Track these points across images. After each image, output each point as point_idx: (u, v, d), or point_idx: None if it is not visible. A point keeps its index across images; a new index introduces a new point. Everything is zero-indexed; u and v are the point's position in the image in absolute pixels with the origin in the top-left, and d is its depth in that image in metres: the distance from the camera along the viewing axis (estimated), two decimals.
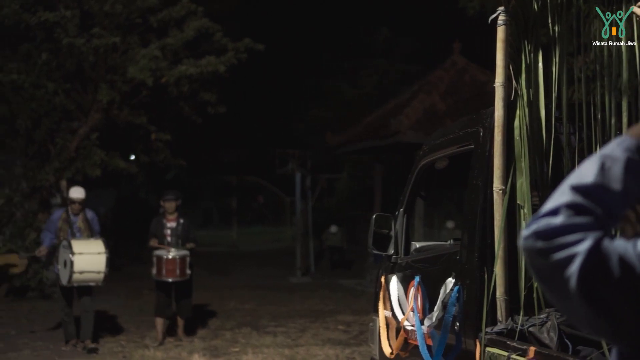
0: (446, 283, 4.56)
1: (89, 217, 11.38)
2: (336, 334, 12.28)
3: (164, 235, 11.74)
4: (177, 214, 11.88)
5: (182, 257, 11.45)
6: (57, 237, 11.19)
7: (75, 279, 10.63)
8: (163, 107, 18.25)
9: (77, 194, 11.32)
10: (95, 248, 10.87)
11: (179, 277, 11.41)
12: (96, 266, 10.72)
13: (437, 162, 5.35)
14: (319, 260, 22.98)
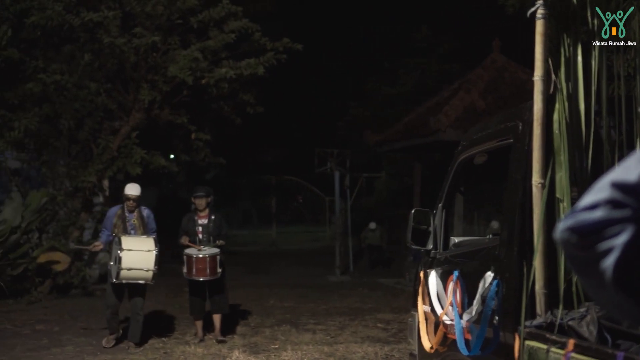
0: (485, 277, 4.57)
1: (144, 215, 11.33)
2: (375, 331, 12.29)
3: (196, 233, 11.58)
4: (208, 210, 11.71)
5: (213, 255, 11.27)
6: (112, 234, 11.17)
7: (123, 275, 10.59)
8: (203, 107, 18.37)
9: (132, 190, 11.22)
10: (145, 245, 10.79)
11: (209, 276, 11.24)
12: (145, 264, 10.64)
13: (476, 157, 5.36)
14: (358, 260, 23.00)
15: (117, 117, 17.21)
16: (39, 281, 15.86)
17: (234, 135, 27.53)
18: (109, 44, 15.56)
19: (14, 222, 15.08)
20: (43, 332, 12.44)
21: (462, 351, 4.74)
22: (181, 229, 11.68)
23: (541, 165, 4.23)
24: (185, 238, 11.49)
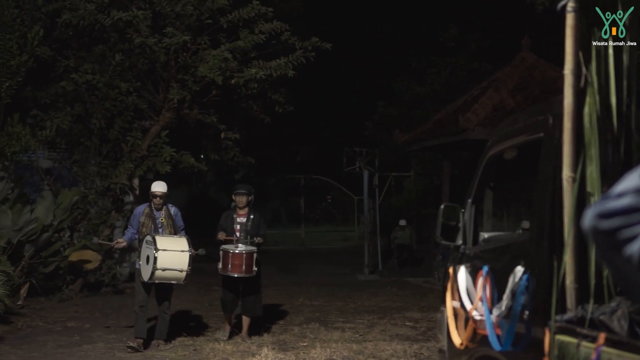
0: (515, 272, 4.56)
1: (172, 213, 11.20)
2: (404, 330, 12.29)
3: (233, 231, 11.40)
4: (247, 209, 11.52)
5: (249, 252, 11.13)
6: (139, 233, 11.08)
7: (157, 275, 10.51)
8: (232, 107, 18.44)
9: (158, 187, 11.10)
10: (180, 245, 10.69)
11: (244, 273, 11.08)
12: (179, 264, 10.57)
13: (505, 153, 5.35)
14: (387, 259, 22.98)
15: (148, 117, 17.33)
16: (70, 279, 16.01)
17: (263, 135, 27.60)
18: (140, 43, 15.68)
19: (46, 221, 15.20)
20: (74, 329, 12.56)
21: (494, 346, 4.73)
22: (219, 225, 11.55)
23: (572, 159, 4.21)
24: (222, 233, 11.39)
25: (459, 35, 27.35)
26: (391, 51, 29.92)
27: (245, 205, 11.47)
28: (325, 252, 27.86)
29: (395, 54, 29.68)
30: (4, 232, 14.41)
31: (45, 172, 17.37)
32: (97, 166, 16.72)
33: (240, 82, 16.29)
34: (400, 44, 29.81)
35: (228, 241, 11.26)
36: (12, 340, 11.62)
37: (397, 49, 29.75)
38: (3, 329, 12.30)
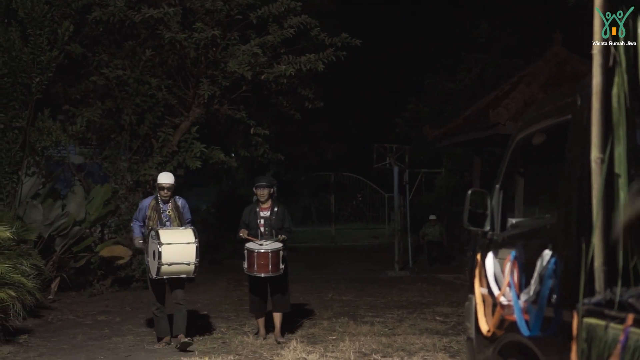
0: (543, 255, 4.50)
1: (179, 205, 10.75)
2: (434, 324, 12.22)
3: (257, 226, 10.88)
4: (271, 202, 10.96)
5: (275, 251, 10.58)
6: (145, 226, 10.66)
7: (164, 271, 10.11)
8: (262, 103, 18.46)
9: (165, 179, 10.65)
10: (185, 237, 10.27)
11: (271, 272, 10.58)
12: (186, 257, 10.16)
13: (534, 138, 5.28)
14: (417, 256, 22.88)
15: (178, 113, 17.40)
16: (101, 274, 16.09)
17: (293, 132, 27.62)
18: (169, 39, 15.74)
19: (77, 216, 15.31)
20: (104, 323, 12.65)
21: (523, 332, 4.67)
22: (241, 221, 11.02)
23: (600, 139, 4.15)
24: (244, 231, 10.84)
25: (490, 31, 27.17)
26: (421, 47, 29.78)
27: (267, 198, 10.92)
28: (356, 250, 27.81)
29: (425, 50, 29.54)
30: (35, 227, 14.52)
31: (77, 168, 17.48)
32: (127, 162, 16.80)
33: (270, 78, 16.30)
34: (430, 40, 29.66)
35: (251, 239, 10.75)
36: (43, 332, 11.72)
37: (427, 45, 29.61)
38: (34, 322, 12.40)
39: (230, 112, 17.18)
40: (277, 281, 10.93)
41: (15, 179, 15.20)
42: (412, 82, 29.16)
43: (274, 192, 11.05)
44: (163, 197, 10.63)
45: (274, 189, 11.03)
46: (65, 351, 10.41)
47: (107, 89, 16.50)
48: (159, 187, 10.66)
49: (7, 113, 15.08)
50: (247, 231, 10.85)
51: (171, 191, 10.61)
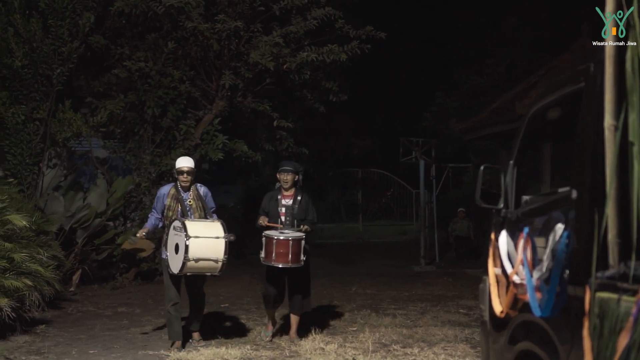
0: (555, 229, 4.30)
1: (201, 193, 9.84)
2: (457, 316, 12.03)
3: (278, 214, 10.01)
4: (294, 189, 10.11)
5: (297, 239, 9.69)
6: (165, 217, 9.76)
7: (189, 267, 9.17)
8: (286, 96, 18.32)
9: (184, 162, 9.76)
10: (214, 231, 9.34)
11: (290, 262, 9.67)
12: (214, 253, 9.25)
13: (549, 113, 5.08)
14: (445, 252, 22.63)
15: (201, 106, 17.31)
16: (124, 267, 16.05)
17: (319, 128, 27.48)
18: (192, 29, 15.66)
19: (99, 208, 15.26)
20: (124, 314, 12.59)
21: (535, 312, 4.48)
22: (261, 208, 10.18)
23: (614, 105, 3.94)
24: (263, 218, 9.98)
25: (518, 25, 26.87)
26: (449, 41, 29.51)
27: (291, 185, 10.07)
28: (383, 245, 27.58)
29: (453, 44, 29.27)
30: (56, 218, 14.50)
31: (101, 161, 17.45)
32: (150, 155, 16.72)
33: (292, 67, 16.14)
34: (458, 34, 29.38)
35: (271, 227, 9.94)
36: (61, 323, 11.68)
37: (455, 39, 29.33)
38: (53, 314, 12.37)
39: (254, 105, 17.05)
40: (297, 276, 10.06)
41: (36, 170, 15.20)
42: (440, 77, 28.91)
43: (299, 180, 10.22)
44: (183, 183, 9.69)
45: (299, 177, 10.18)
46: (81, 341, 10.34)
47: (129, 82, 16.43)
48: (177, 172, 9.75)
49: (28, 104, 15.10)
50: (267, 218, 10.02)
51: (191, 176, 9.70)
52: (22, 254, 10.66)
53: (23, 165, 15.09)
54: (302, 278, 10.18)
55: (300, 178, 10.22)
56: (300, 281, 10.16)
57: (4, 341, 10.07)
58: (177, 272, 9.28)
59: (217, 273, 9.52)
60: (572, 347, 4.07)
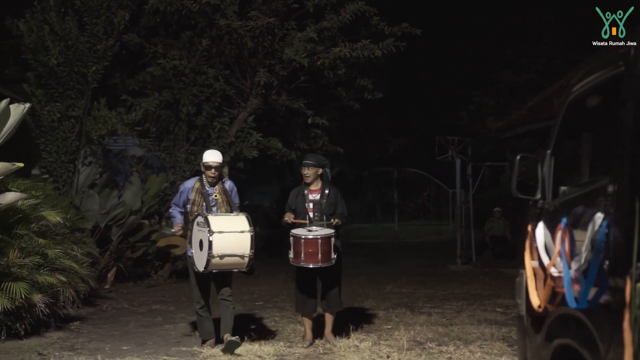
0: (594, 219, 4.15)
1: (227, 187, 9.44)
2: (493, 315, 11.86)
3: (306, 210, 9.58)
4: (321, 183, 9.66)
5: (326, 237, 9.24)
6: (189, 213, 9.39)
7: (214, 264, 8.79)
8: (321, 94, 18.24)
9: (212, 157, 9.31)
10: (238, 225, 8.92)
11: (321, 262, 9.23)
12: (240, 248, 8.85)
13: (588, 100, 4.92)
14: (481, 252, 22.40)
15: (236, 104, 17.28)
16: (158, 265, 16.06)
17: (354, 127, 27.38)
18: (226, 26, 15.63)
19: (134, 206, 15.29)
20: (158, 311, 12.58)
21: (570, 303, 4.33)
22: (287, 205, 9.81)
23: None
24: (290, 215, 9.58)
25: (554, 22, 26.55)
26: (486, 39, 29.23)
27: (314, 179, 9.62)
28: (418, 246, 27.39)
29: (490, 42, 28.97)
30: (91, 215, 14.55)
31: (137, 160, 17.49)
32: (185, 153, 16.71)
33: (327, 63, 16.03)
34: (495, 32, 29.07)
35: (299, 224, 9.54)
36: (95, 320, 11.70)
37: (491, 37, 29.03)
38: (88, 311, 12.40)
39: (288, 103, 16.98)
40: (328, 275, 9.65)
41: (71, 168, 15.27)
42: (477, 76, 28.64)
43: (326, 174, 9.77)
44: (210, 178, 9.28)
45: (324, 171, 9.73)
46: (115, 337, 10.33)
47: (164, 80, 16.46)
48: (204, 167, 9.31)
49: (64, 102, 15.18)
50: (294, 215, 9.61)
51: (219, 172, 9.33)
52: (56, 250, 10.68)
53: (58, 163, 15.17)
54: (335, 276, 9.76)
55: (328, 171, 9.82)
56: (332, 280, 9.76)
57: (38, 337, 10.09)
58: (202, 270, 8.91)
59: (244, 269, 9.16)
60: (612, 340, 3.92)
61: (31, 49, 15.03)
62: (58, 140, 15.14)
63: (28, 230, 10.44)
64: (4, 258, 9.90)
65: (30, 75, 15.23)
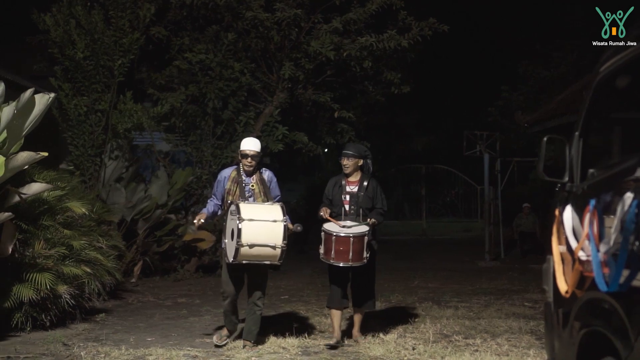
0: (624, 199, 4.01)
1: (265, 178, 8.97)
2: (522, 309, 11.73)
3: (342, 203, 9.09)
4: (360, 175, 9.14)
5: (359, 236, 8.71)
6: (224, 203, 8.94)
7: (243, 253, 8.30)
8: (347, 88, 18.13)
9: (250, 145, 8.79)
10: (271, 214, 8.43)
11: (351, 261, 8.74)
12: (271, 238, 8.32)
13: (618, 80, 4.78)
14: (510, 249, 22.18)
15: (262, 99, 17.22)
16: (185, 259, 16.03)
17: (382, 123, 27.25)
18: (252, 18, 15.57)
19: (160, 200, 15.28)
20: (184, 304, 12.55)
21: (601, 287, 4.19)
22: (324, 196, 9.30)
23: None
24: (325, 210, 9.05)
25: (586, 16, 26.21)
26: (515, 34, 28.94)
27: (353, 170, 9.09)
28: (447, 242, 27.25)
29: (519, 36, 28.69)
30: (118, 208, 14.54)
31: (163, 155, 17.48)
32: (211, 147, 16.66)
33: (352, 53, 15.91)
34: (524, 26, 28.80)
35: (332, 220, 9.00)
36: (121, 312, 11.69)
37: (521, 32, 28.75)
38: (114, 303, 12.40)
39: (314, 97, 16.89)
40: (360, 273, 9.14)
41: (98, 162, 15.28)
42: (506, 70, 28.37)
43: (367, 165, 9.27)
44: (246, 167, 8.79)
45: (365, 162, 9.22)
46: (139, 329, 10.30)
47: (190, 75, 16.43)
48: (241, 155, 8.82)
49: (90, 96, 15.20)
50: (330, 210, 9.10)
51: (256, 161, 8.78)
52: (81, 241, 10.66)
53: (85, 156, 15.20)
54: (367, 274, 9.24)
55: (369, 163, 9.30)
56: (365, 279, 9.25)
57: (64, 329, 10.08)
58: (231, 260, 8.44)
59: (277, 262, 8.52)
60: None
61: (57, 43, 15.05)
62: (84, 134, 15.16)
63: (54, 222, 10.43)
64: (29, 249, 9.90)
65: (57, 69, 15.26)
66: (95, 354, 8.46)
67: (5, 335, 9.45)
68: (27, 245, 9.92)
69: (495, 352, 8.50)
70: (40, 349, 8.82)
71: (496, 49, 29.66)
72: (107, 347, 8.85)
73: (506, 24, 29.20)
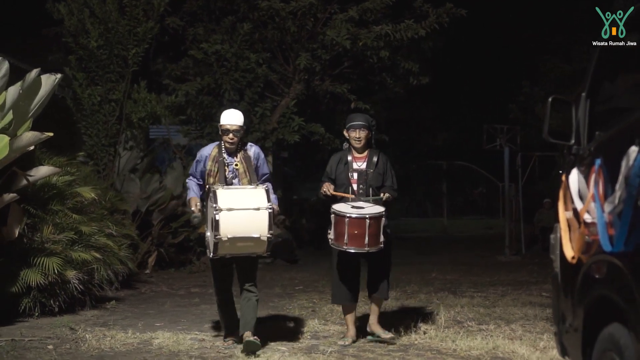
0: (629, 153, 3.82)
1: (251, 155, 7.72)
2: (539, 299, 11.55)
3: (349, 182, 7.95)
4: (368, 151, 8.01)
5: (375, 217, 7.56)
6: (205, 184, 7.78)
7: (223, 248, 7.30)
8: (364, 80, 17.99)
9: (231, 118, 7.57)
10: (253, 200, 7.28)
11: (368, 246, 7.59)
12: (255, 228, 7.22)
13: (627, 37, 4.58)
14: (531, 245, 21.91)
15: (279, 90, 17.11)
16: (201, 251, 15.92)
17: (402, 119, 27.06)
18: (267, 8, 15.47)
19: (175, 191, 15.18)
20: (197, 294, 12.47)
21: (605, 247, 4.01)
22: (325, 174, 8.09)
23: None
24: (328, 185, 7.90)
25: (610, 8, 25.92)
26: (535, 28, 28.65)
27: (363, 143, 7.98)
28: (467, 239, 27.03)
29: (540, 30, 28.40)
30: (132, 198, 14.47)
31: (179, 148, 17.41)
32: None
33: (369, 43, 15.75)
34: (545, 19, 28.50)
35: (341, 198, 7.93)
36: (133, 301, 11.61)
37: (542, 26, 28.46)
38: (126, 293, 12.31)
39: (331, 87, 16.75)
40: (376, 260, 7.98)
41: (112, 151, 15.21)
42: (527, 65, 28.07)
43: (373, 137, 8.18)
44: (228, 144, 7.61)
45: (372, 134, 8.13)
46: (149, 315, 10.20)
47: (206, 65, 16.34)
48: (222, 131, 7.60)
49: (104, 85, 15.12)
50: (334, 186, 7.97)
51: (238, 137, 7.60)
52: (91, 227, 10.55)
53: (99, 146, 15.12)
54: (383, 259, 8.03)
55: (373, 135, 8.18)
56: (381, 265, 8.08)
57: (72, 315, 9.97)
58: (211, 255, 7.49)
59: (264, 253, 7.55)
60: None
61: (71, 32, 14.99)
62: (99, 124, 15.09)
63: (63, 207, 10.33)
64: (37, 234, 9.81)
65: (72, 59, 15.19)
66: (101, 337, 8.35)
67: (13, 321, 9.37)
68: (36, 229, 9.84)
69: (508, 337, 8.33)
70: (46, 333, 8.73)
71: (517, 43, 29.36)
72: (113, 331, 8.74)
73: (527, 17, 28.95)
